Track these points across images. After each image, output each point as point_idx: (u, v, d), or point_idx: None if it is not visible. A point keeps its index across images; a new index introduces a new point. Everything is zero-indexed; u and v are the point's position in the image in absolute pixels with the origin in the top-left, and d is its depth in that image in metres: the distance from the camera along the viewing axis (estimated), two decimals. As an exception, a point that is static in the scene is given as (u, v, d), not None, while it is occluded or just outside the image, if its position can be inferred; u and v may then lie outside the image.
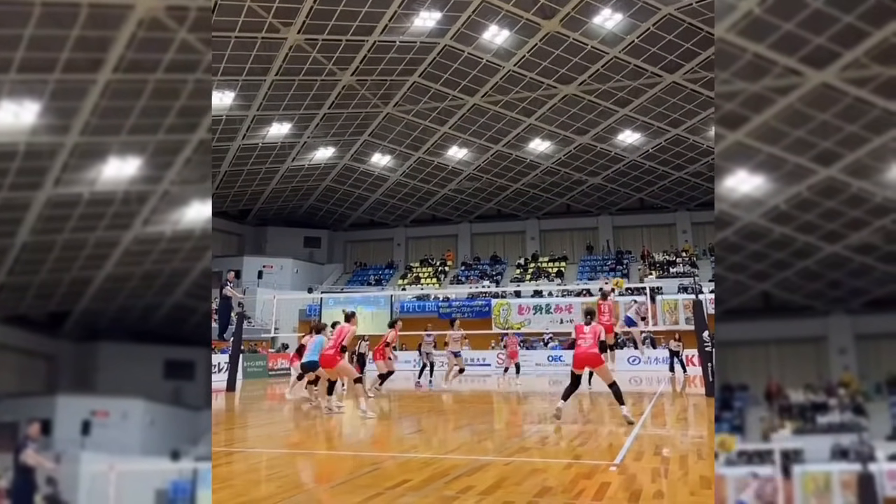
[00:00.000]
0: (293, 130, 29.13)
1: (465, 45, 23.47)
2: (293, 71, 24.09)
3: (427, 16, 21.67)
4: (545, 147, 31.10)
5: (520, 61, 24.07)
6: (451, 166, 33.66)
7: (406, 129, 30.09)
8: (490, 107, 27.60)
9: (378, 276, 39.97)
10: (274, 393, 17.10)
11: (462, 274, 38.72)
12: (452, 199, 38.21)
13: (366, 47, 23.17)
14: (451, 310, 32.26)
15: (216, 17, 20.05)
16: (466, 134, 30.12)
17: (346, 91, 26.32)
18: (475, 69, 24.86)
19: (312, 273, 39.84)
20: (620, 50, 22.90)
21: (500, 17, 21.55)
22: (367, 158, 33.48)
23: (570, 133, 29.51)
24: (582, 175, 33.94)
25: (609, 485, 5.21)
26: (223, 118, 26.85)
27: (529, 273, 37.26)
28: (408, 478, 5.55)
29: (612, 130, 29.09)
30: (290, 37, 21.81)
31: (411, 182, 35.75)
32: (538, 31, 22.13)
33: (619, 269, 36.14)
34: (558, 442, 7.68)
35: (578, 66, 24.09)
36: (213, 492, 5.10)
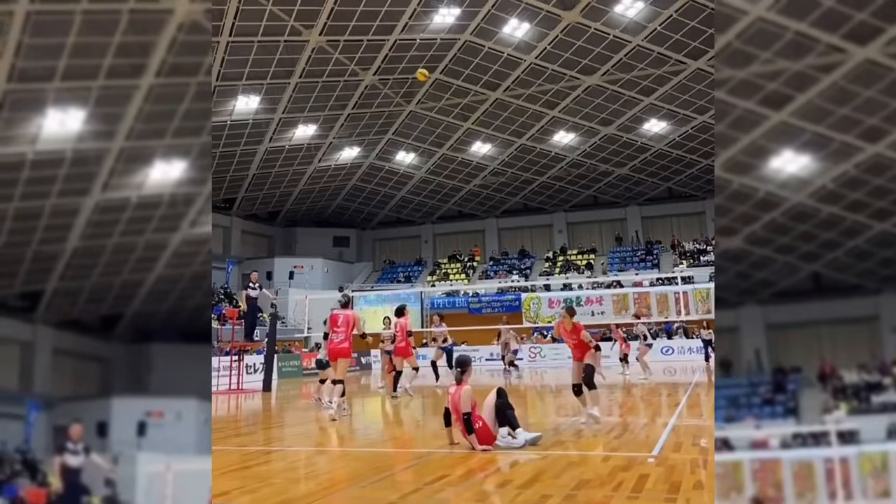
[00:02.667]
0: (318, 131, 29.36)
1: (485, 40, 23.44)
2: (316, 73, 24.28)
3: (446, 12, 21.70)
4: (570, 139, 30.93)
5: (541, 54, 23.97)
6: (475, 161, 33.64)
7: (429, 126, 30.15)
8: (513, 101, 27.52)
9: (407, 274, 40.11)
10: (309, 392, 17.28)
11: (491, 269, 38.69)
12: (478, 195, 38.19)
13: (387, 46, 23.27)
14: (481, 305, 32.30)
15: (238, 21, 20.28)
16: (490, 129, 30.08)
17: (369, 90, 26.45)
18: (496, 63, 24.82)
19: (342, 272, 40.11)
20: (643, 38, 22.68)
21: (519, 10, 21.49)
22: (391, 157, 33.61)
23: (595, 124, 29.31)
24: (608, 166, 33.69)
25: (648, 477, 5.15)
26: (249, 122, 27.15)
27: (558, 266, 37.12)
28: (445, 473, 5.56)
29: (637, 120, 28.82)
30: (311, 39, 21.98)
31: (436, 178, 35.81)
32: (559, 22, 22.02)
33: (649, 260, 35.85)
34: (594, 434, 7.64)
35: (601, 56, 23.91)
36: (253, 491, 5.14)
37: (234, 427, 10.25)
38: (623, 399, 12.53)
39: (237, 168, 31.42)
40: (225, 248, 37.21)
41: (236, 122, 26.90)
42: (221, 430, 9.74)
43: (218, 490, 5.15)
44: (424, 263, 41.34)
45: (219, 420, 11.45)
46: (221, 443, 8.14)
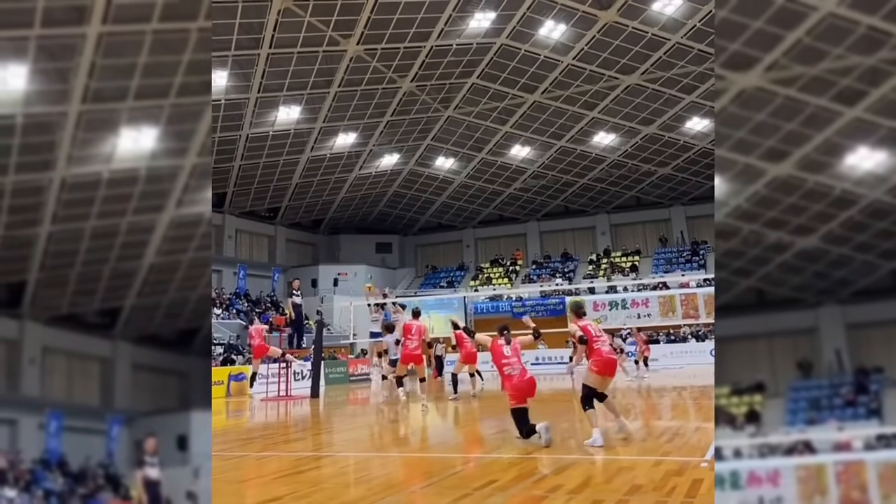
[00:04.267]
0: (359, 139, 29.66)
1: (521, 43, 23.39)
2: (355, 81, 24.55)
3: (482, 17, 21.72)
4: (610, 140, 30.61)
5: (578, 54, 23.80)
6: (514, 165, 33.54)
7: (468, 130, 30.19)
8: (551, 103, 27.38)
9: (450, 279, 40.17)
10: (356, 398, 17.45)
11: (533, 273, 38.50)
12: (518, 198, 38.05)
13: (423, 53, 23.41)
14: (525, 309, 32.11)
15: (278, 34, 20.67)
16: (529, 132, 29.96)
17: (407, 97, 26.63)
18: (533, 66, 24.73)
19: (385, 278, 40.40)
20: (683, 35, 22.34)
21: (555, 11, 21.38)
22: (431, 162, 33.76)
23: (636, 124, 28.95)
24: (650, 166, 33.23)
25: (702, 482, 5.06)
26: (291, 132, 27.59)
27: (602, 269, 36.72)
28: (494, 478, 5.54)
29: (679, 118, 28.36)
30: (349, 48, 22.25)
31: (476, 183, 35.82)
32: (595, 22, 21.84)
33: (695, 260, 35.21)
34: (644, 439, 7.54)
35: (639, 54, 23.62)
36: (305, 496, 5.21)
37: (283, 433, 10.43)
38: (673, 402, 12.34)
39: (280, 178, 31.95)
40: (270, 257, 37.86)
41: (278, 132, 27.37)
42: (271, 436, 9.94)
43: (270, 495, 5.25)
44: (467, 268, 41.35)
45: (269, 426, 11.68)
46: (272, 448, 8.30)
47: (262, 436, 9.95)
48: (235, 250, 35.37)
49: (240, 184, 31.65)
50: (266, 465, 6.90)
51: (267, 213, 37.14)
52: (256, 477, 6.14)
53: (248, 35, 20.65)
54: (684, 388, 14.89)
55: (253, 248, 37.21)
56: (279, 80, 23.56)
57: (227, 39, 20.22)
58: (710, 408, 10.96)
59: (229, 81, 22.87)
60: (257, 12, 19.70)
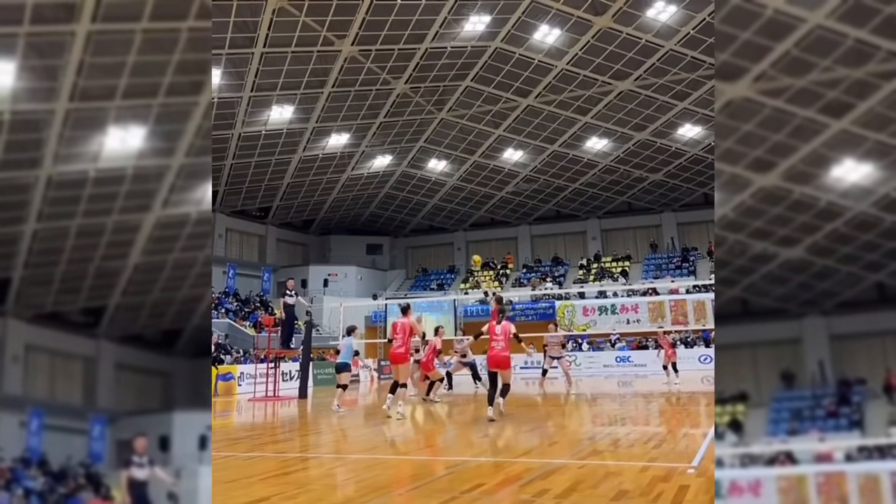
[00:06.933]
0: (351, 140, 29.65)
1: (515, 47, 23.44)
2: (349, 82, 24.55)
3: (476, 20, 21.76)
4: (603, 145, 30.71)
5: (572, 59, 23.87)
6: (507, 168, 33.60)
7: (461, 133, 30.23)
8: (544, 107, 27.45)
9: (440, 281, 40.17)
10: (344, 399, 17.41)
11: (524, 276, 38.54)
12: (510, 202, 38.10)
13: (418, 55, 23.43)
14: (515, 312, 32.15)
15: (272, 33, 20.64)
16: (521, 135, 30.03)
17: (401, 99, 26.64)
18: (527, 70, 24.79)
19: (376, 280, 40.37)
20: (676, 42, 22.45)
21: (550, 16, 21.44)
22: (423, 164, 33.78)
23: (628, 129, 29.06)
24: (642, 172, 33.35)
25: (688, 488, 5.09)
26: (284, 131, 27.56)
27: (592, 274, 36.80)
28: (482, 482, 5.56)
29: (671, 125, 28.50)
30: (344, 49, 22.25)
31: (468, 186, 35.86)
32: (590, 27, 21.91)
33: (685, 267, 35.34)
34: (632, 444, 7.57)
35: (633, 61, 23.72)
36: (292, 497, 5.20)
37: (271, 434, 10.39)
38: (659, 408, 12.37)
39: (272, 177, 31.90)
40: (261, 257, 37.77)
41: (271, 131, 27.33)
42: (259, 436, 9.90)
43: (258, 496, 5.24)
44: (457, 271, 41.36)
45: (256, 427, 11.62)
46: (259, 449, 8.27)
47: (250, 436, 9.92)
48: (226, 249, 35.27)
49: (231, 182, 31.58)
50: (253, 465, 6.87)
51: (258, 212, 37.07)
52: (243, 477, 6.11)
53: (242, 34, 20.62)
54: (672, 393, 14.94)
55: (243, 248, 37.13)
56: (273, 80, 23.53)
57: (221, 38, 20.17)
58: (697, 414, 11.01)
59: (222, 80, 22.85)
60: (252, 11, 19.68)
